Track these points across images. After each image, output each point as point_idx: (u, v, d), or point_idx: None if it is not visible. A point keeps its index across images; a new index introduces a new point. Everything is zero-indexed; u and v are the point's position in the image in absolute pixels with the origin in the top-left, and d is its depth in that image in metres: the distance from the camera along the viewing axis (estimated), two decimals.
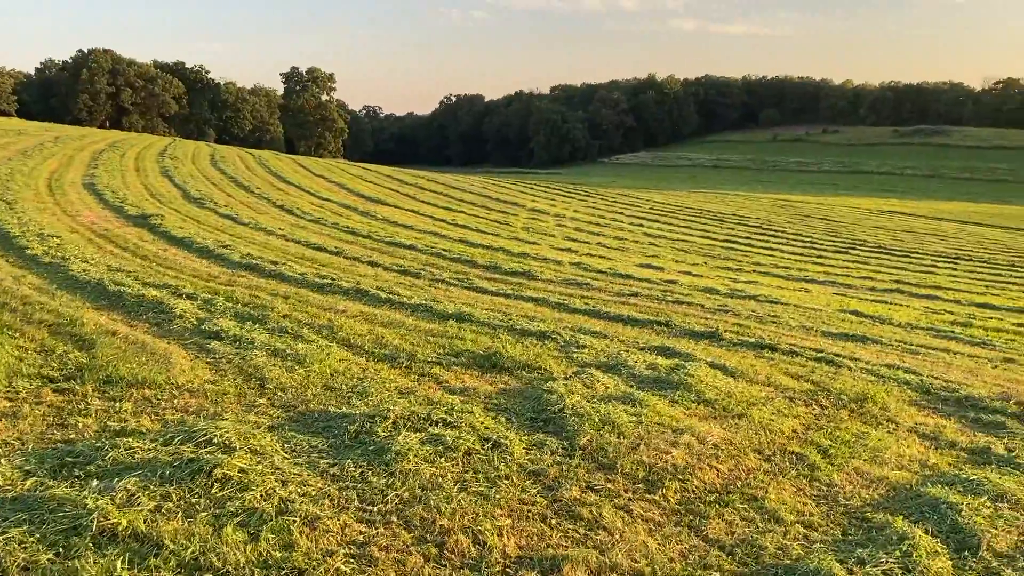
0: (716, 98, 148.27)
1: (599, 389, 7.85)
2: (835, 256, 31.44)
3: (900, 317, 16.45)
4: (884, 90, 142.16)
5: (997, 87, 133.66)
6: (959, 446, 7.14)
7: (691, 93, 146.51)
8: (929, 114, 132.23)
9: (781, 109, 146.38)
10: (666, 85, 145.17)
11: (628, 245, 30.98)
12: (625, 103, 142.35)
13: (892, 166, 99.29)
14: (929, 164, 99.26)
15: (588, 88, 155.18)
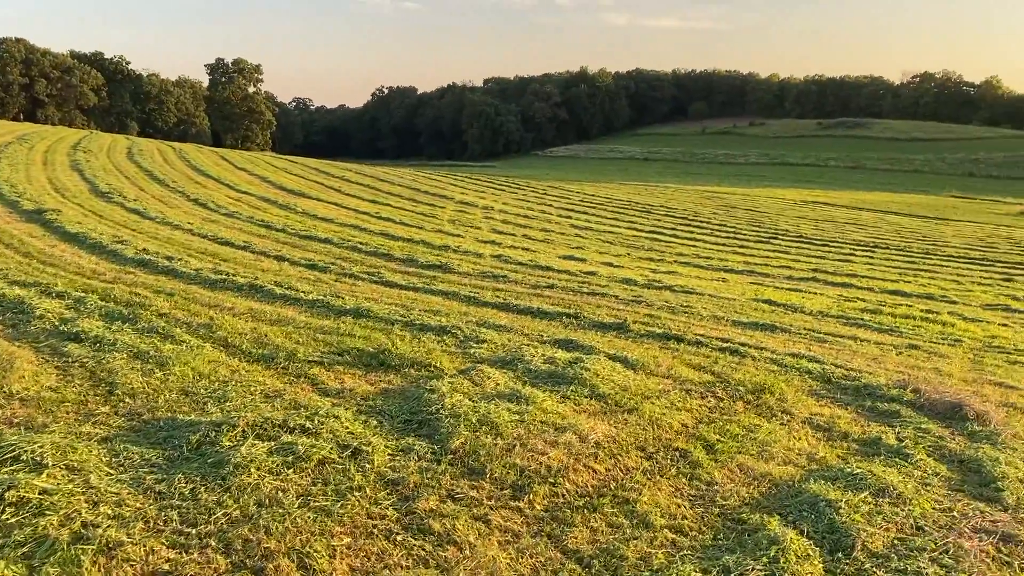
0: (647, 91, 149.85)
1: (488, 386, 7.44)
2: (756, 246, 31.76)
3: (812, 305, 16.51)
4: (808, 83, 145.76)
5: (914, 81, 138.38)
6: (851, 437, 6.95)
7: (622, 86, 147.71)
8: (851, 107, 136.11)
9: (710, 102, 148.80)
10: (598, 78, 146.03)
11: (554, 237, 30.74)
12: (558, 96, 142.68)
13: (816, 158, 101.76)
14: (851, 156, 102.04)
15: (521, 81, 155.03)
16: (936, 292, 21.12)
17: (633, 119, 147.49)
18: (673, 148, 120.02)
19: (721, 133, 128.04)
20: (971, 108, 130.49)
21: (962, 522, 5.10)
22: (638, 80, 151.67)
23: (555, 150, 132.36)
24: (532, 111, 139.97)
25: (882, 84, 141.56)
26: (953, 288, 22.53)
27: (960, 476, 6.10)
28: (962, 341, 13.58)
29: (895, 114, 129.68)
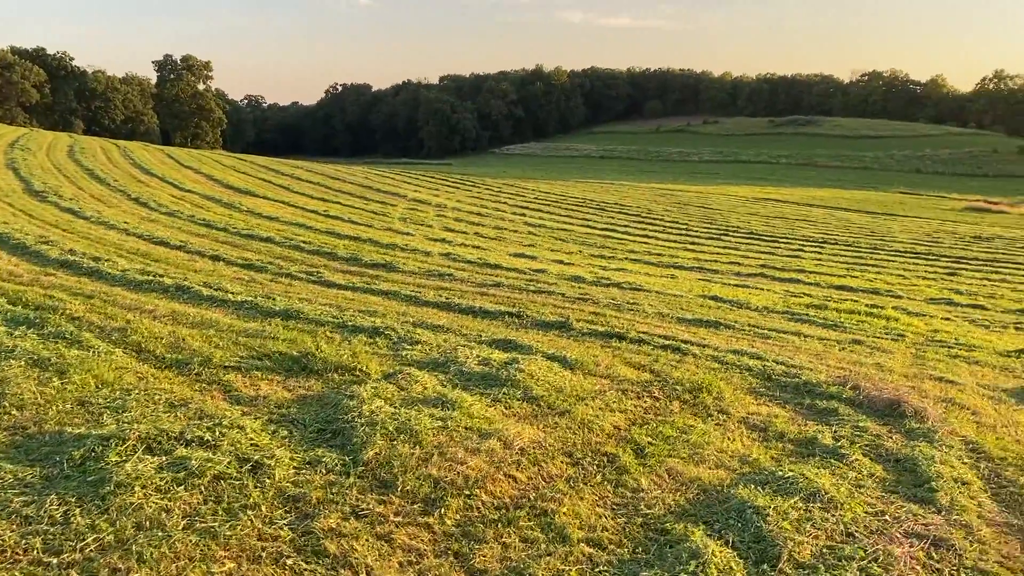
0: (602, 90, 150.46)
1: (414, 391, 7.08)
2: (707, 242, 31.83)
3: (758, 301, 16.44)
4: (760, 82, 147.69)
5: (863, 79, 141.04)
6: (787, 437, 6.75)
7: (578, 85, 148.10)
8: (802, 105, 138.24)
9: (664, 100, 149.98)
10: (553, 77, 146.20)
11: (507, 235, 30.45)
12: (514, 94, 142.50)
13: (768, 155, 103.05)
14: (802, 153, 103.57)
15: (477, 78, 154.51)
16: (882, 287, 21.29)
17: (589, 117, 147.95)
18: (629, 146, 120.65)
19: (676, 131, 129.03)
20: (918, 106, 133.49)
21: (894, 527, 4.90)
22: (593, 78, 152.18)
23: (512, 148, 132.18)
24: (488, 109, 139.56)
25: (832, 83, 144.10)
26: (899, 283, 22.76)
27: (895, 476, 5.92)
28: (905, 336, 13.58)
29: (845, 112, 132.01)
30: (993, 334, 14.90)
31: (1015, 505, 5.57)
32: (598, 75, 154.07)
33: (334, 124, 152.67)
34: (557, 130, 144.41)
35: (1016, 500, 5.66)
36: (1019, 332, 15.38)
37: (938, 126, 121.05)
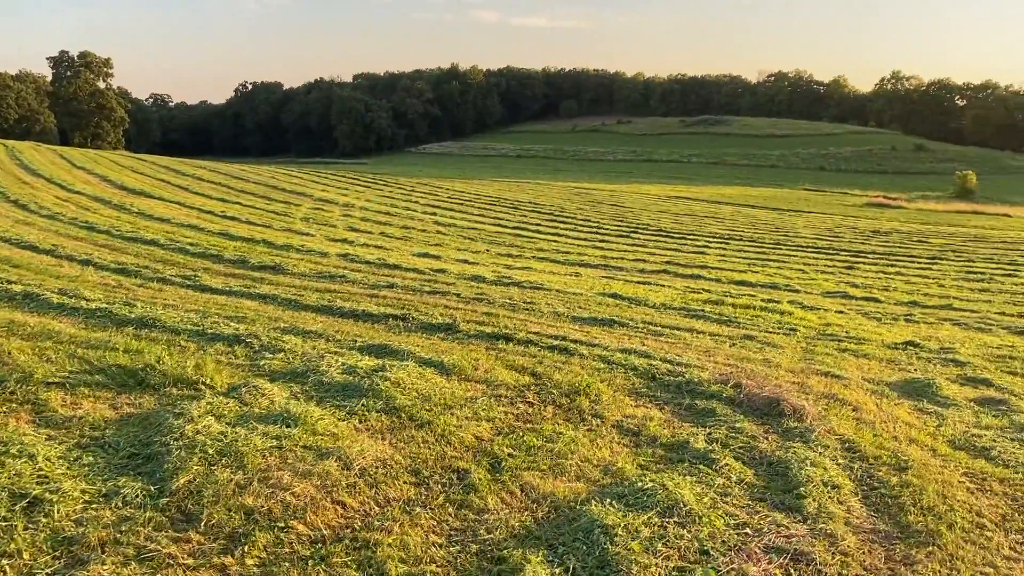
0: (518, 89, 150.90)
1: (258, 406, 6.42)
2: (617, 240, 31.82)
3: (657, 298, 16.27)
4: (672, 82, 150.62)
5: (770, 80, 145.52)
6: (659, 442, 6.37)
7: (494, 84, 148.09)
8: (712, 105, 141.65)
9: (579, 100, 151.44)
10: (470, 76, 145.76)
11: (414, 234, 29.77)
12: (430, 92, 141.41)
13: (680, 154, 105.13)
14: (713, 152, 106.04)
15: (392, 77, 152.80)
16: (781, 281, 21.53)
17: (506, 116, 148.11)
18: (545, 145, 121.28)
19: (591, 131, 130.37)
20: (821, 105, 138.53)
21: (753, 540, 4.55)
22: (509, 78, 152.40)
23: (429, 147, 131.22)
24: (404, 107, 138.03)
25: (740, 83, 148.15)
26: (798, 277, 23.09)
27: (765, 482, 5.60)
28: (797, 330, 13.57)
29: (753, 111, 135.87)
30: (884, 326, 15.08)
31: (884, 509, 5.32)
32: (514, 75, 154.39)
33: (244, 123, 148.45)
34: (474, 129, 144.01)
35: (886, 503, 5.41)
36: (908, 324, 15.63)
37: (841, 125, 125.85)
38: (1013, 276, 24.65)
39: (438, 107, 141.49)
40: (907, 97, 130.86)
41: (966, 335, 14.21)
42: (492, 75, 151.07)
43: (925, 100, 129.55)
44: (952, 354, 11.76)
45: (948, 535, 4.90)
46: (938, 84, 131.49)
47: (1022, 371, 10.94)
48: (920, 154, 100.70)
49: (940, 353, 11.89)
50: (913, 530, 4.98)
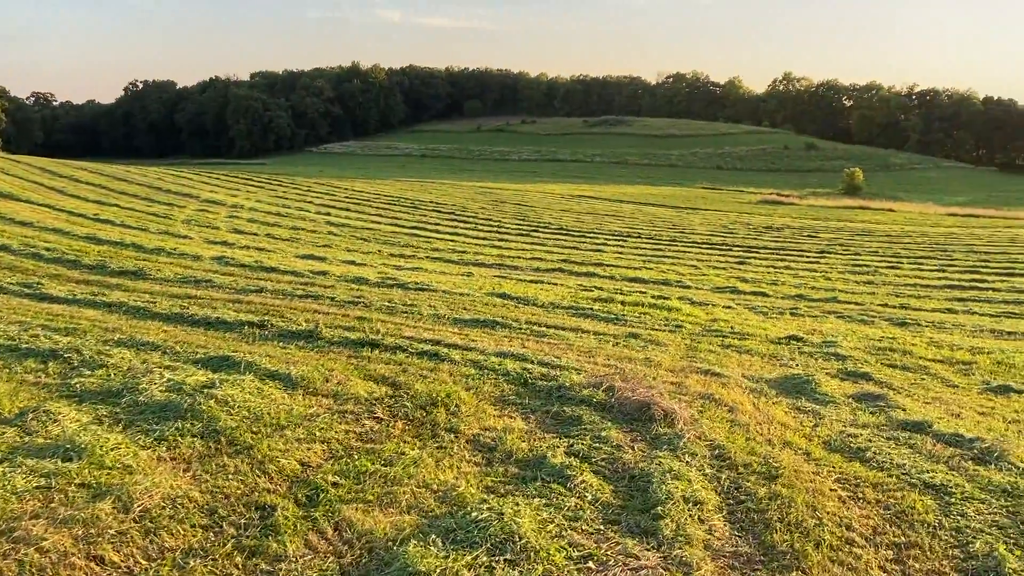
0: (422, 88, 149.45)
1: (45, 434, 5.46)
2: (517, 239, 31.35)
3: (547, 297, 15.77)
4: (574, 83, 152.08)
5: (668, 81, 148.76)
6: (515, 457, 5.75)
7: (397, 83, 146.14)
8: (614, 106, 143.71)
9: (484, 100, 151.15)
10: (371, 74, 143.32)
11: (303, 236, 28.50)
12: (331, 91, 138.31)
13: (583, 154, 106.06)
14: (615, 152, 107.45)
15: (291, 75, 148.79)
16: (673, 278, 21.43)
17: (410, 116, 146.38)
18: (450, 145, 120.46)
19: (496, 131, 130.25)
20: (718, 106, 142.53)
21: None
22: (412, 77, 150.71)
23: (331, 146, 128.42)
24: (304, 107, 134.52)
25: (640, 84, 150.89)
26: (690, 273, 23.09)
27: (623, 500, 5.04)
28: (683, 326, 13.29)
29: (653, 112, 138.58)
30: (769, 320, 15.01)
31: (749, 526, 4.84)
32: (417, 74, 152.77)
33: (135, 123, 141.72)
34: (378, 129, 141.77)
35: (752, 519, 4.93)
36: (794, 317, 15.63)
37: (736, 125, 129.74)
38: (896, 268, 25.39)
39: (339, 106, 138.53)
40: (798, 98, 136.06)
41: (849, 328, 14.25)
42: (395, 74, 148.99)
43: (815, 100, 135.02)
44: (834, 348, 11.65)
45: (814, 556, 4.45)
46: (826, 85, 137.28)
47: (901, 363, 10.90)
48: (811, 153, 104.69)
49: (822, 347, 11.77)
50: (778, 551, 4.50)
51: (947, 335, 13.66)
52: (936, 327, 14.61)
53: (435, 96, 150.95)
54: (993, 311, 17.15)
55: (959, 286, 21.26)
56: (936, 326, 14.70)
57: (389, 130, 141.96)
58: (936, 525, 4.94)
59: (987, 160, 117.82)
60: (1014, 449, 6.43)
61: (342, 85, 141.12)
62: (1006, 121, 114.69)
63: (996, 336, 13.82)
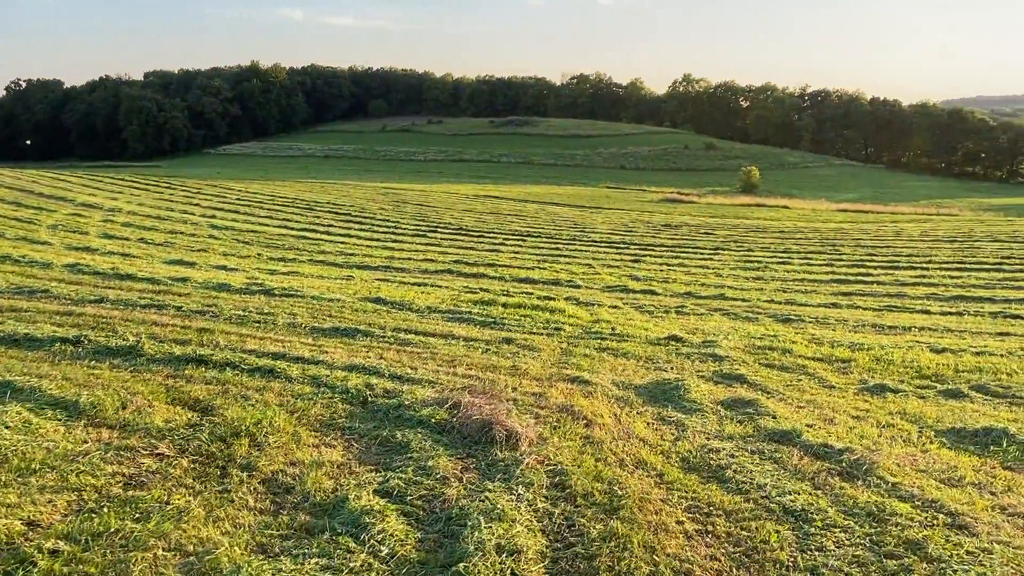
0: (325, 88, 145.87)
1: None
2: (412, 240, 30.28)
3: (426, 301, 14.84)
4: (480, 83, 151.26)
5: (572, 82, 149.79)
6: (311, 501, 4.79)
7: (299, 82, 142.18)
8: (519, 106, 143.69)
9: (389, 100, 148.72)
10: (272, 74, 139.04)
11: (179, 240, 26.70)
12: (229, 91, 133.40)
13: (489, 154, 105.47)
14: (521, 152, 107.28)
15: (187, 75, 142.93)
16: (565, 277, 20.84)
17: (313, 116, 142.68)
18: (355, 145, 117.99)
19: (401, 131, 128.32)
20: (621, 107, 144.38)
21: None
22: (314, 76, 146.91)
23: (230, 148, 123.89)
24: (201, 107, 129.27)
25: (545, 85, 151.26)
26: (583, 272, 22.56)
27: (426, 554, 4.17)
28: (563, 329, 12.59)
29: (557, 113, 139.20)
30: (654, 320, 14.50)
31: None
32: (320, 73, 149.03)
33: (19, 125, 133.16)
34: (279, 129, 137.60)
35: (577, 569, 4.12)
36: (679, 316, 15.18)
37: (639, 125, 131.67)
38: (786, 264, 25.53)
39: (238, 106, 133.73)
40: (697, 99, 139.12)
41: (732, 326, 13.86)
42: (296, 73, 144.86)
43: (713, 101, 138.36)
44: (713, 348, 11.15)
45: None
46: (724, 86, 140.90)
47: (780, 363, 10.46)
48: (710, 152, 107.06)
49: (701, 347, 11.25)
50: None
51: (829, 331, 13.42)
52: (819, 323, 14.39)
53: (339, 96, 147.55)
54: (876, 304, 17.17)
55: (845, 280, 21.42)
56: (819, 322, 14.48)
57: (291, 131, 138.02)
58: (790, 566, 4.26)
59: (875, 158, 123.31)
60: (883, 460, 5.89)
61: (241, 85, 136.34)
62: (892, 121, 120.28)
63: (877, 331, 13.67)
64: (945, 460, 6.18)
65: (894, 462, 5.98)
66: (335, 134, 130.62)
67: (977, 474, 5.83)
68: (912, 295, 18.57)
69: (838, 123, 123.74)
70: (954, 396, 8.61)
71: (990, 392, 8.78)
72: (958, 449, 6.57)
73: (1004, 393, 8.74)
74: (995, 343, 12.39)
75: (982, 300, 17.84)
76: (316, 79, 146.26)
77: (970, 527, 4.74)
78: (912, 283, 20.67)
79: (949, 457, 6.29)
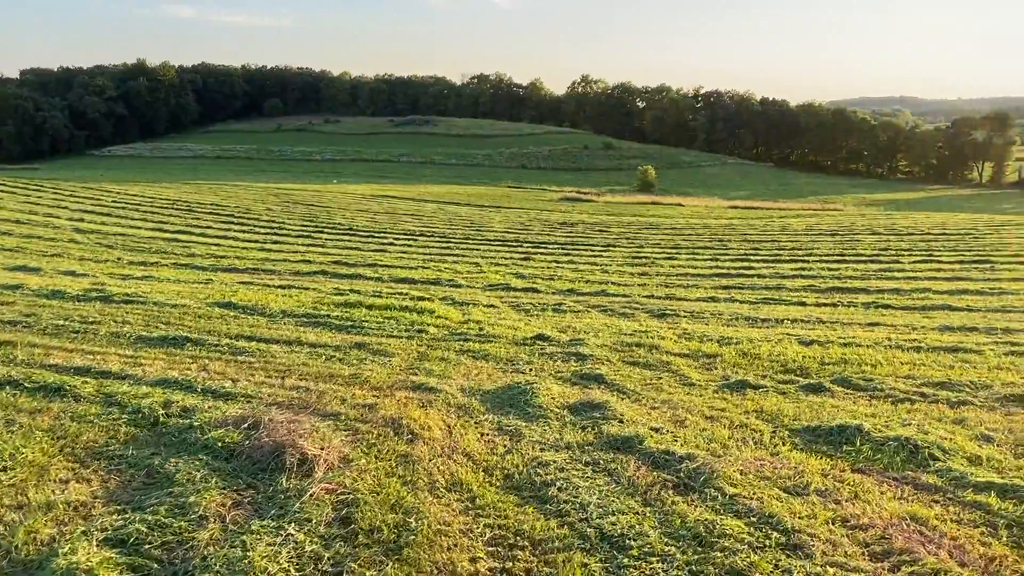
0: (216, 87, 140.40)
1: None
2: (294, 241, 28.88)
3: (283, 304, 13.75)
4: (379, 82, 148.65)
5: (473, 82, 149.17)
6: (6, 562, 3.79)
7: (189, 81, 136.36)
8: (420, 105, 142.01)
9: (284, 99, 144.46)
10: (160, 72, 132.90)
11: (32, 245, 24.57)
12: (114, 90, 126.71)
13: (389, 154, 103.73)
14: (422, 151, 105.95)
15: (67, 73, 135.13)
16: (447, 277, 20.03)
17: (205, 116, 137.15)
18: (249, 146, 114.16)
19: (297, 130, 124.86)
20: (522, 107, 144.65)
21: None
22: (205, 75, 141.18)
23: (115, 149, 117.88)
24: (83, 106, 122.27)
25: (446, 85, 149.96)
26: (468, 271, 21.79)
27: None
28: (427, 331, 11.77)
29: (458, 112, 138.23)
30: (527, 319, 13.85)
31: None
32: (211, 72, 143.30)
33: None
34: (169, 129, 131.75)
35: None
36: (555, 314, 14.59)
37: (539, 125, 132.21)
38: (672, 259, 25.45)
39: (124, 106, 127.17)
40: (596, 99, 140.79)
41: (606, 322, 13.35)
42: (186, 72, 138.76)
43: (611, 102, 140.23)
44: (579, 346, 10.56)
45: None
46: (621, 87, 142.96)
47: (644, 360, 9.94)
48: (609, 152, 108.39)
49: (568, 346, 10.64)
50: None
51: (702, 325, 13.07)
52: (694, 317, 14.06)
53: (231, 95, 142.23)
54: (753, 297, 17.06)
55: (728, 274, 21.40)
56: (695, 316, 14.15)
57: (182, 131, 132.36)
58: None
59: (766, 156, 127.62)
60: (726, 468, 5.32)
61: (127, 84, 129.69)
62: (781, 121, 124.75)
63: (750, 324, 13.42)
64: (794, 464, 5.67)
65: (738, 469, 5.42)
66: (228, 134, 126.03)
67: (824, 479, 5.33)
68: (790, 287, 18.62)
69: (731, 123, 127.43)
70: (815, 391, 8.23)
71: (852, 385, 8.45)
72: (810, 450, 6.09)
73: (866, 386, 8.43)
74: (864, 333, 12.28)
75: (856, 291, 18.02)
76: (207, 78, 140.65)
77: (805, 547, 4.19)
78: (792, 275, 20.82)
79: (798, 460, 5.79)
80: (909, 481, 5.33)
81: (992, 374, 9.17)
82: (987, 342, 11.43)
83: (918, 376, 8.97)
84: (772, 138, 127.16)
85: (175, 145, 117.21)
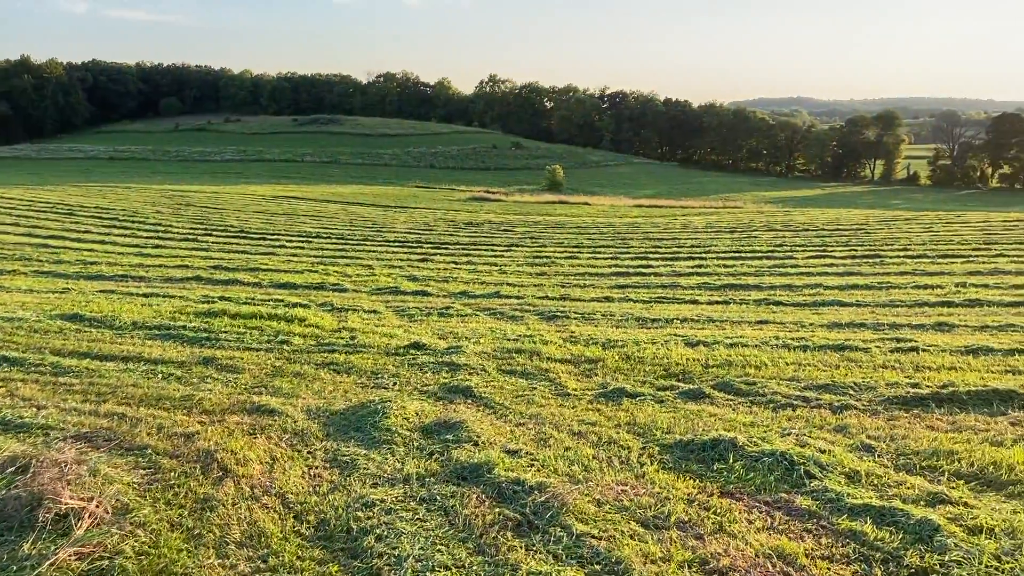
0: (109, 85, 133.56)
1: None
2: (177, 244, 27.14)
3: (136, 315, 12.52)
4: (282, 80, 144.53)
5: (379, 80, 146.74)
6: None
7: (79, 79, 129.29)
8: (325, 104, 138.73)
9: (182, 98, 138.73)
10: (46, 69, 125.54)
11: None
12: None
13: (293, 153, 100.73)
14: (327, 151, 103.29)
15: None
16: (333, 281, 18.96)
17: (97, 115, 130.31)
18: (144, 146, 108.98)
19: (196, 130, 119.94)
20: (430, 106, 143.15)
21: None
22: (97, 73, 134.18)
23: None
24: None
25: (351, 83, 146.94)
26: (358, 274, 20.74)
27: None
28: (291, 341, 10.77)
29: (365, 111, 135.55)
30: (408, 325, 12.99)
31: None
32: (103, 69, 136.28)
33: None
34: (58, 129, 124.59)
35: None
36: (440, 318, 13.78)
37: (448, 125, 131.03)
38: (573, 259, 25.01)
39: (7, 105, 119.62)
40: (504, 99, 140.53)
41: (492, 326, 12.62)
42: (76, 69, 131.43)
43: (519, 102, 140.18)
44: (455, 355, 9.78)
45: None
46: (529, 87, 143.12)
47: (522, 368, 9.24)
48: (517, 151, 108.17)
49: (443, 355, 9.85)
50: None
51: (591, 327, 12.49)
52: (585, 319, 13.49)
53: (125, 94, 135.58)
54: (648, 296, 16.67)
55: (626, 273, 21.05)
56: (585, 318, 13.58)
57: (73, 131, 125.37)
58: None
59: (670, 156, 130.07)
60: (578, 500, 4.63)
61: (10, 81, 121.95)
62: (684, 121, 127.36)
63: (640, 324, 12.93)
64: (658, 488, 5.04)
65: (595, 498, 4.74)
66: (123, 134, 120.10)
67: (689, 508, 4.71)
68: (685, 285, 18.36)
69: (635, 123, 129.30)
70: (695, 398, 7.69)
71: (733, 390, 7.95)
72: (679, 470, 5.48)
73: (748, 391, 7.95)
74: (752, 332, 11.94)
75: (749, 288, 17.88)
76: (99, 75, 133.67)
77: None
78: (688, 273, 20.61)
79: (664, 483, 5.16)
80: (781, 506, 4.77)
81: (877, 374, 8.86)
82: (874, 339, 11.23)
83: (802, 378, 8.57)
84: (676, 138, 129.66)
85: (65, 146, 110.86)
